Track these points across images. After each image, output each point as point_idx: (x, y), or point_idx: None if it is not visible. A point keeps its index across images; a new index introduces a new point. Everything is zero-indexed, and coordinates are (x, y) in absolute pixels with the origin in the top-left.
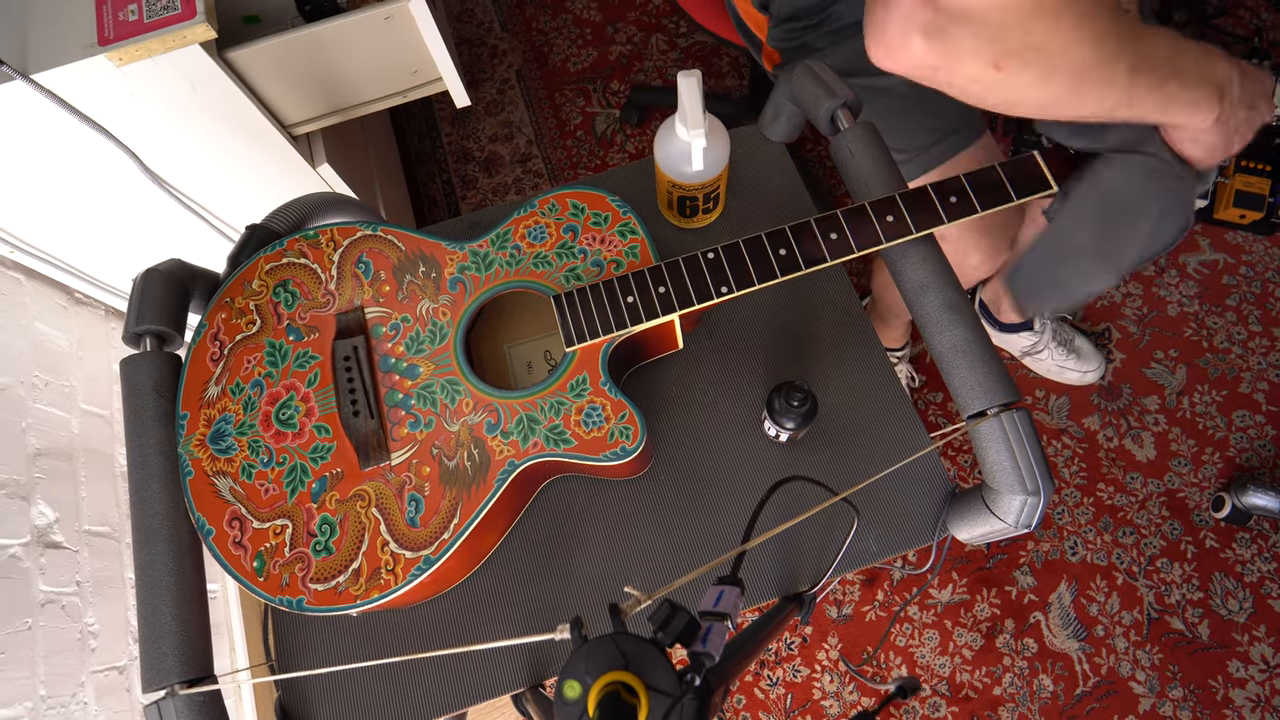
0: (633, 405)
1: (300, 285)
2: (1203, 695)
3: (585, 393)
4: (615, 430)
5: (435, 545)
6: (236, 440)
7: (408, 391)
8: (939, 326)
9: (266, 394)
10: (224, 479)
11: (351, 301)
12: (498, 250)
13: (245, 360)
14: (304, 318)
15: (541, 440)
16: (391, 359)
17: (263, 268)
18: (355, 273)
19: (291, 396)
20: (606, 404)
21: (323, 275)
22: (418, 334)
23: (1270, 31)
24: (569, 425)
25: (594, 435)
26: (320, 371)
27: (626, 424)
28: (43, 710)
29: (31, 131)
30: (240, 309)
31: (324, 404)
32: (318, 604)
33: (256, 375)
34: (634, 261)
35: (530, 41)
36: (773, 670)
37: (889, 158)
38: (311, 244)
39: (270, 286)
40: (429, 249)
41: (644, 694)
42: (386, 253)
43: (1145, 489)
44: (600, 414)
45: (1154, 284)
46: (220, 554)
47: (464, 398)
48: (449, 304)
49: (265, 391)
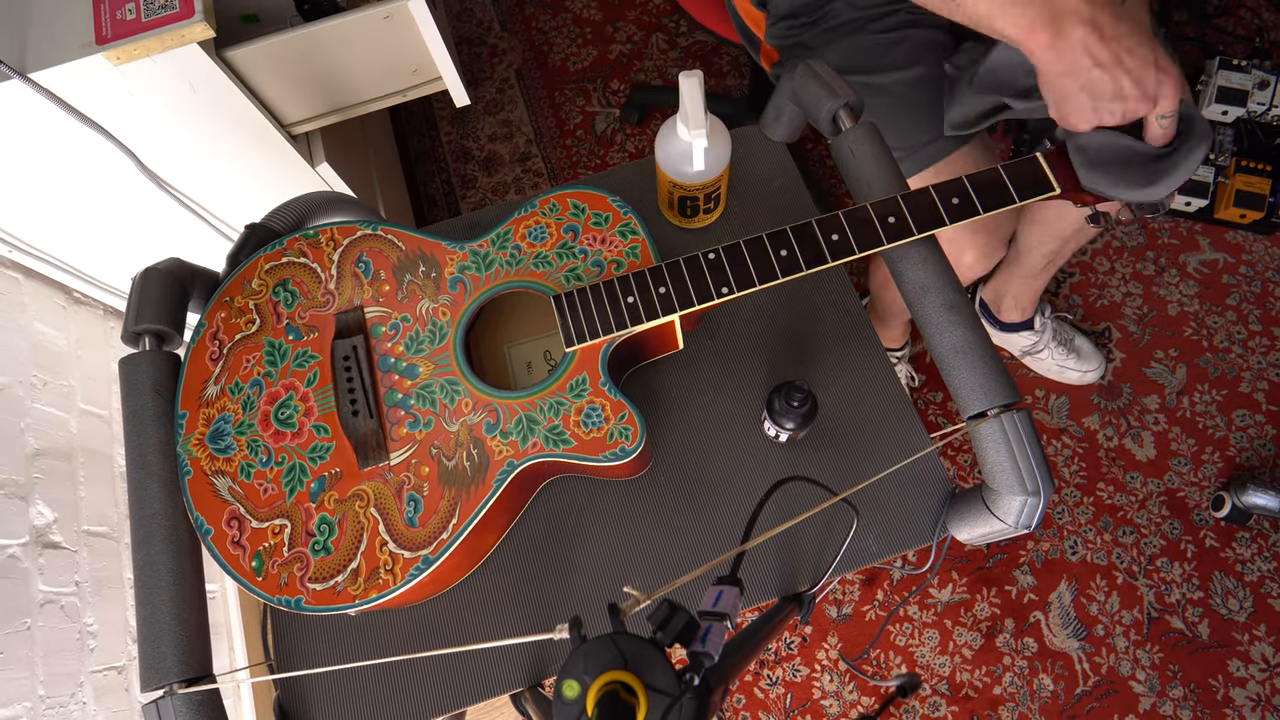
0: (632, 406)
1: (300, 284)
2: (1203, 694)
3: (585, 393)
4: (615, 430)
5: (434, 545)
6: (235, 440)
7: (407, 391)
8: (939, 327)
9: (265, 393)
10: (223, 478)
11: (351, 301)
12: (498, 250)
13: (244, 360)
14: (303, 317)
15: (541, 440)
16: (391, 359)
17: (262, 267)
18: (355, 272)
19: (291, 396)
20: (606, 404)
21: (322, 274)
22: (417, 334)
23: (1271, 31)
24: (568, 425)
25: (593, 436)
26: (319, 371)
27: (626, 424)
28: (41, 710)
29: (30, 131)
30: (240, 308)
31: (323, 404)
32: (316, 604)
33: (256, 375)
34: (634, 262)
35: (530, 40)
36: (772, 670)
37: (890, 158)
38: (311, 243)
39: (270, 286)
40: (429, 249)
41: (643, 694)
42: (386, 252)
43: (1145, 488)
44: (600, 414)
45: (1154, 283)
46: (219, 553)
47: (463, 398)
48: (449, 304)
49: (264, 391)
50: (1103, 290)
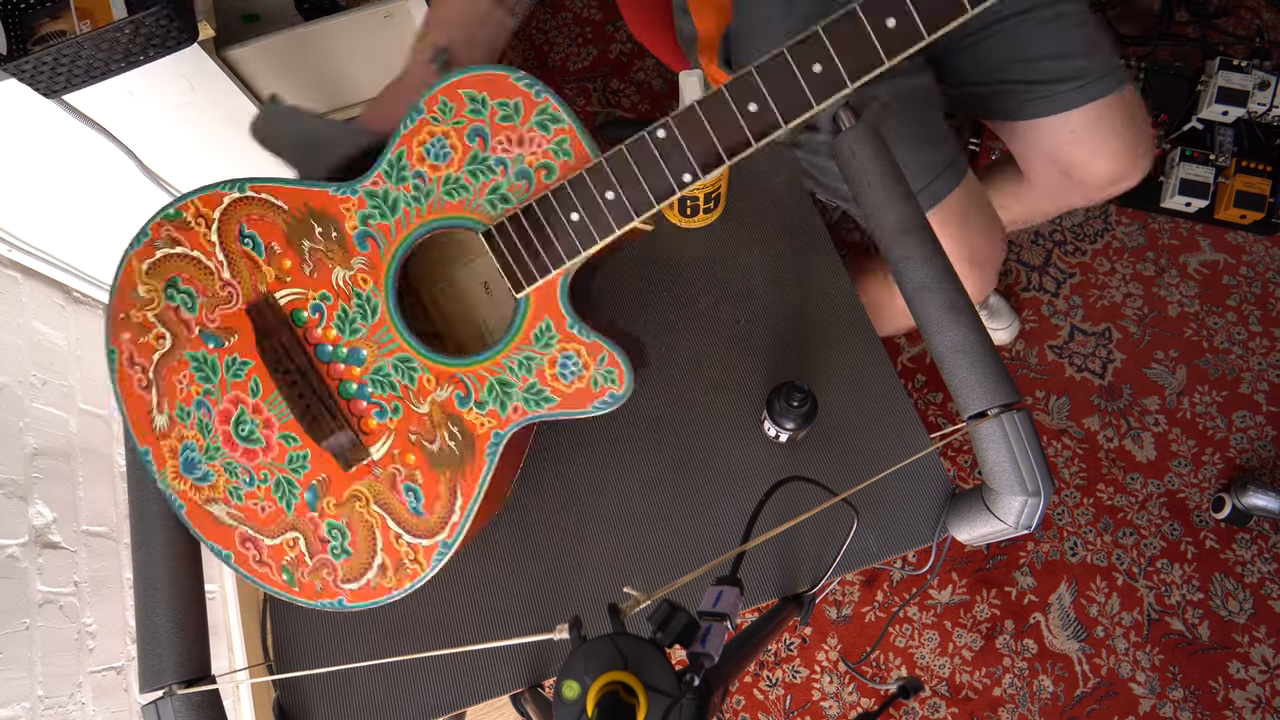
0: (610, 344)
1: (191, 280)
2: (1203, 696)
3: (553, 340)
4: (597, 377)
5: (448, 529)
6: (210, 466)
7: (360, 380)
8: (939, 326)
9: (216, 413)
10: (217, 505)
11: (255, 288)
12: (396, 184)
13: (175, 381)
14: (213, 319)
15: (521, 404)
16: (329, 347)
17: (139, 268)
18: (244, 251)
19: (242, 411)
20: (580, 349)
21: (209, 262)
22: (344, 311)
23: (1271, 32)
24: (545, 381)
25: (576, 387)
26: (259, 379)
27: (608, 367)
28: (40, 710)
29: (29, 130)
30: (141, 324)
31: (278, 412)
32: (358, 600)
33: (195, 394)
34: (567, 161)
35: (530, 40)
36: (772, 671)
37: (891, 156)
38: (178, 225)
39: (159, 289)
40: (317, 201)
41: (643, 694)
42: (269, 217)
43: (1145, 490)
44: (576, 362)
45: (1154, 284)
46: (248, 574)
47: (422, 374)
48: (366, 266)
49: (213, 411)
50: (1103, 291)
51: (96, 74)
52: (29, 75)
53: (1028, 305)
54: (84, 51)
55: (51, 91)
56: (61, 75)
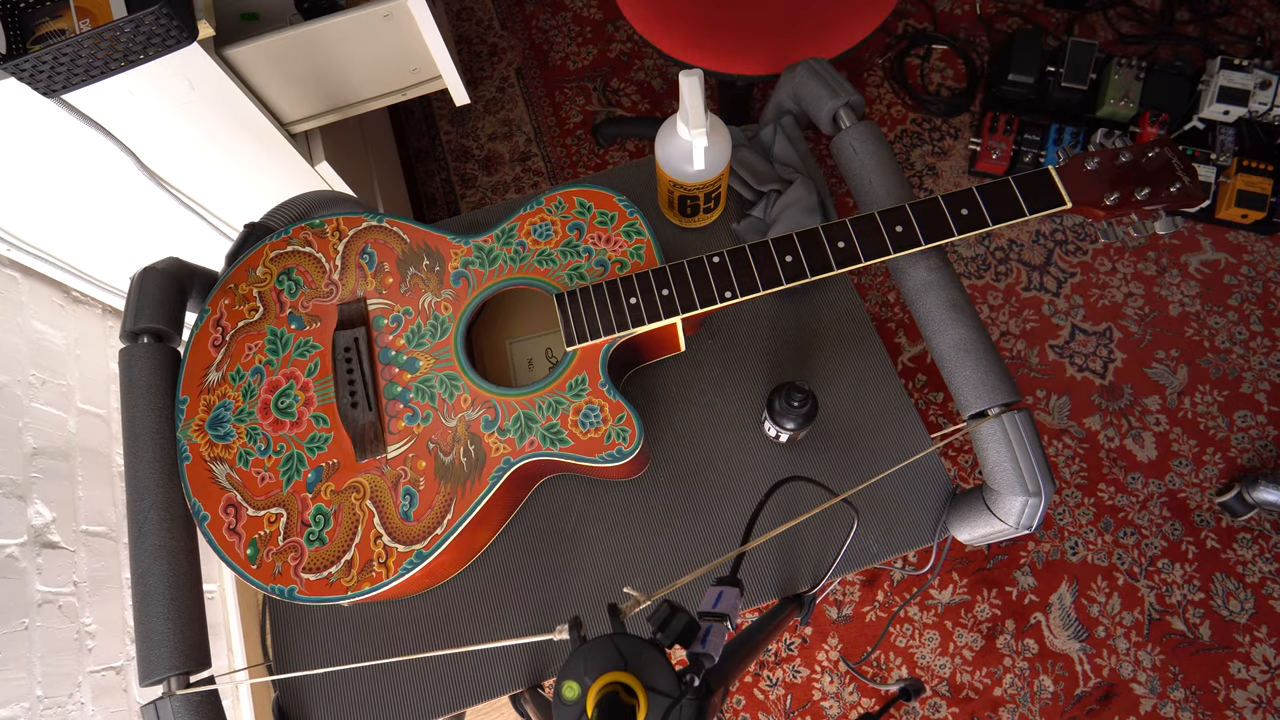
0: (631, 407)
1: (304, 274)
2: (1204, 696)
3: (584, 393)
4: (612, 432)
5: (428, 540)
6: (235, 427)
7: (407, 385)
8: (940, 326)
9: (266, 381)
10: (221, 465)
11: (355, 292)
12: (502, 246)
13: (247, 347)
14: (306, 306)
15: (538, 439)
16: (392, 351)
17: (268, 255)
18: (359, 263)
19: (291, 385)
20: (605, 405)
21: (327, 264)
22: (419, 327)
23: (1273, 31)
24: (566, 425)
25: (591, 436)
26: (320, 361)
27: (624, 426)
28: (39, 710)
29: (29, 129)
30: (244, 295)
31: (323, 394)
32: (309, 594)
33: (257, 362)
34: (638, 263)
35: (530, 39)
36: (772, 671)
37: (891, 156)
38: (317, 233)
39: (274, 274)
40: (434, 242)
41: (643, 694)
42: (391, 244)
43: (1146, 489)
44: (598, 415)
45: (1155, 284)
46: (215, 540)
47: (462, 393)
48: (452, 298)
49: (265, 379)
50: (1104, 290)
51: (96, 73)
52: (28, 74)
53: (1028, 305)
54: (84, 51)
55: (51, 91)
56: (61, 74)
